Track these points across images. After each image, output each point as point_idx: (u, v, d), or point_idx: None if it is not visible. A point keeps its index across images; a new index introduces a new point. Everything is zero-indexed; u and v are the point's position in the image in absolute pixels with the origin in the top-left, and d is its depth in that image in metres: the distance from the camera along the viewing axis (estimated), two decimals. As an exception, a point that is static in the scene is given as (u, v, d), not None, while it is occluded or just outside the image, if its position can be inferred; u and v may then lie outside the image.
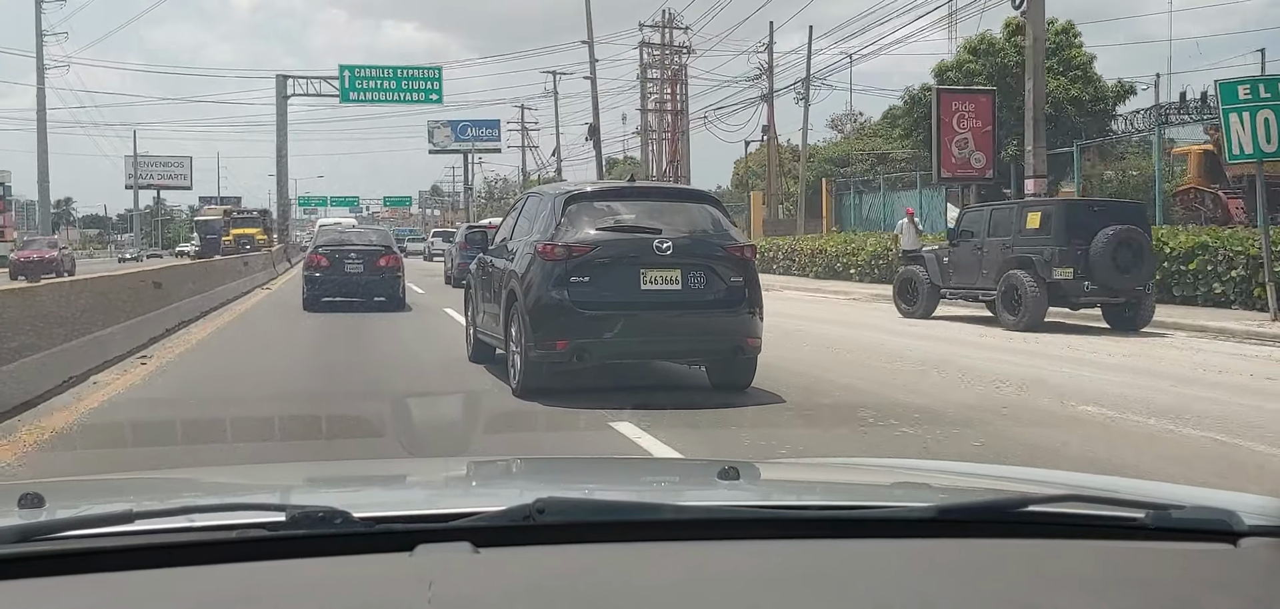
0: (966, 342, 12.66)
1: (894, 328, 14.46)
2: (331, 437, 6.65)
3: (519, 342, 8.14)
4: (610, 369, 8.25)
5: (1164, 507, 1.60)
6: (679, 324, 8.06)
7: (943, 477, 2.40)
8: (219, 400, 8.16)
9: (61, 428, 6.78)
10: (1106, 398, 8.07)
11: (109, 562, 1.36)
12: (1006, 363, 10.37)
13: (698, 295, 8.04)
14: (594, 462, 4.80)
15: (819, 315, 16.84)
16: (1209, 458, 6.09)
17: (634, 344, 8.11)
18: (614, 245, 8.03)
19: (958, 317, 15.91)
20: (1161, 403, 7.86)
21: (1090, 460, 5.87)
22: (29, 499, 1.59)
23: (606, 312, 7.85)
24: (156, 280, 13.88)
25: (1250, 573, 1.47)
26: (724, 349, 8.24)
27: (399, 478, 2.59)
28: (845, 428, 7.07)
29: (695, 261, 8.05)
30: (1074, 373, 9.63)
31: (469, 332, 10.59)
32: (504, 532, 1.46)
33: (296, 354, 11.72)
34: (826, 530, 1.56)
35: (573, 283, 7.87)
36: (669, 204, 8.80)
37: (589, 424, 6.95)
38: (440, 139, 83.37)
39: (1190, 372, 9.78)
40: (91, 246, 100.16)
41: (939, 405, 7.79)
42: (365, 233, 21.54)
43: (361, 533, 1.44)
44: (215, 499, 1.84)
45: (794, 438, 6.65)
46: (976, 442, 6.37)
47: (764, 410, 7.56)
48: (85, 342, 9.51)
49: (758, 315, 8.27)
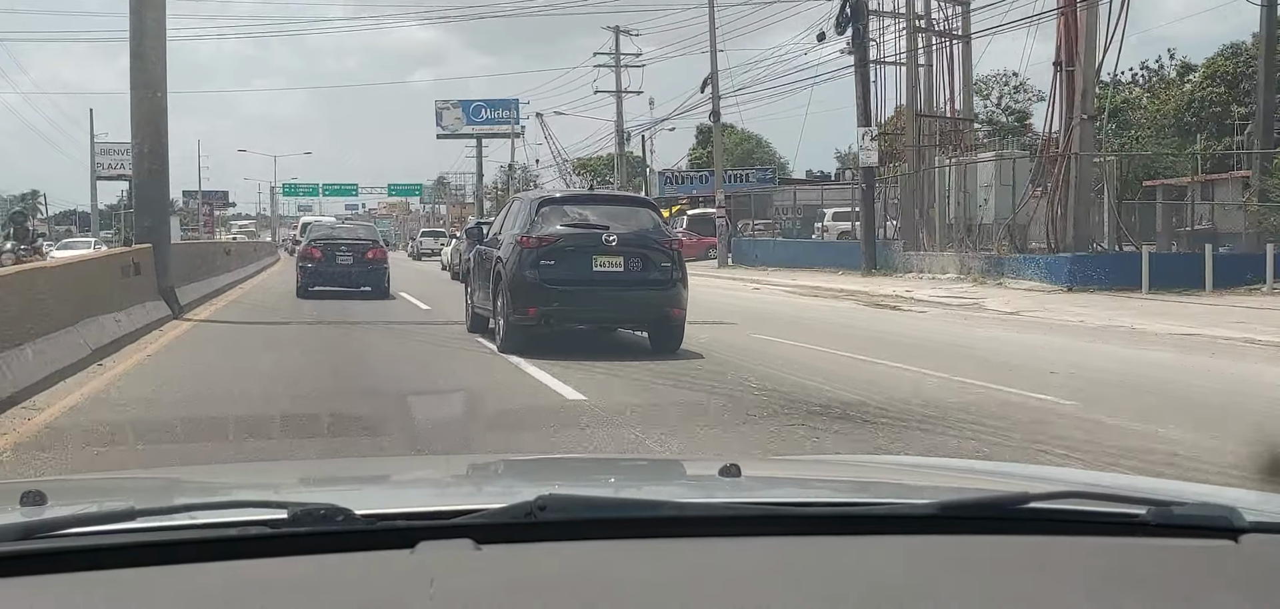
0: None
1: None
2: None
3: (503, 311, 10.70)
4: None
5: (1165, 503, 1.60)
6: (622, 298, 10.72)
7: (944, 474, 2.40)
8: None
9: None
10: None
11: (111, 559, 1.36)
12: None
13: (636, 276, 10.66)
14: (595, 460, 4.81)
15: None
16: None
17: (587, 312, 10.83)
18: (573, 238, 10.66)
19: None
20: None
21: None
22: (31, 497, 1.60)
23: (567, 287, 10.45)
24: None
25: (1251, 570, 1.47)
26: (655, 317, 10.81)
27: (400, 476, 2.59)
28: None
29: (634, 250, 10.67)
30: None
31: (468, 306, 13.07)
32: (505, 529, 1.46)
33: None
34: (828, 527, 1.57)
35: (542, 265, 10.46)
36: (618, 208, 11.79)
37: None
38: (450, 122, 72.92)
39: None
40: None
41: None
42: (354, 229, 23.75)
43: (363, 530, 1.44)
44: (216, 497, 1.84)
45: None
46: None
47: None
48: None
49: (683, 291, 10.76)
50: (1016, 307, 17.44)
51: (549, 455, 5.51)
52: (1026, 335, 13.49)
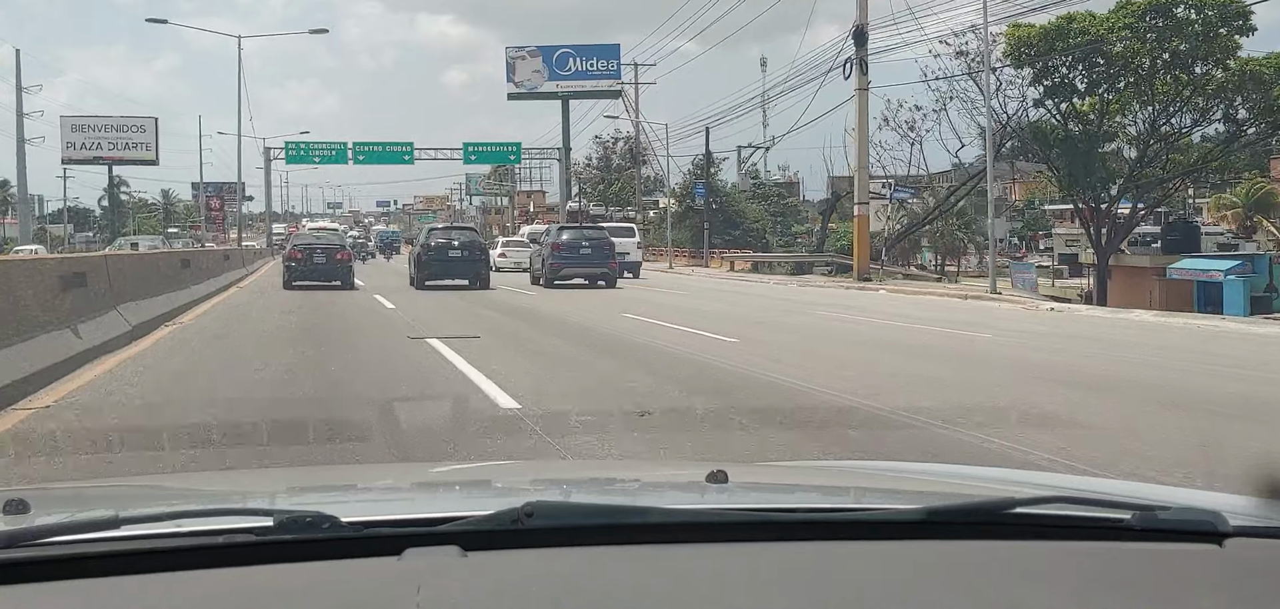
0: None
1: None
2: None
3: (542, 271, 28.45)
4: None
5: (1150, 508, 1.61)
6: (587, 262, 27.76)
7: (930, 479, 2.41)
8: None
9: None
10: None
11: (95, 568, 1.35)
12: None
13: (593, 253, 28.05)
14: (582, 465, 4.81)
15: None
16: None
17: (576, 272, 27.61)
18: (569, 242, 28.36)
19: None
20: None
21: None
22: (13, 505, 1.58)
23: (569, 263, 27.74)
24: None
25: (1236, 573, 1.48)
26: (601, 272, 27.95)
27: (386, 482, 2.58)
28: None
29: (595, 243, 28.56)
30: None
31: (531, 269, 30.77)
32: (493, 535, 1.46)
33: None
34: (814, 533, 1.57)
35: (558, 253, 27.94)
36: (589, 229, 31.54)
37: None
38: (526, 76, 54.79)
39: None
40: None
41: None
42: (328, 236, 29.93)
43: (349, 537, 1.43)
44: (202, 504, 1.83)
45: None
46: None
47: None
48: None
49: (613, 262, 28.76)
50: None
51: (537, 460, 5.50)
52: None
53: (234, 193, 66.38)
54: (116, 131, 65.45)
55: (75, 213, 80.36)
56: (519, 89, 55.20)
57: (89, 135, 64.50)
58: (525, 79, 54.72)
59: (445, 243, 26.33)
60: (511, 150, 58.56)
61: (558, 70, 54.22)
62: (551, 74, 54.31)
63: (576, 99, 56.16)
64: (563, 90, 54.91)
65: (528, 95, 56.13)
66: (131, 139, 65.47)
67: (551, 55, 54.35)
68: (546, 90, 55.03)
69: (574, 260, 27.57)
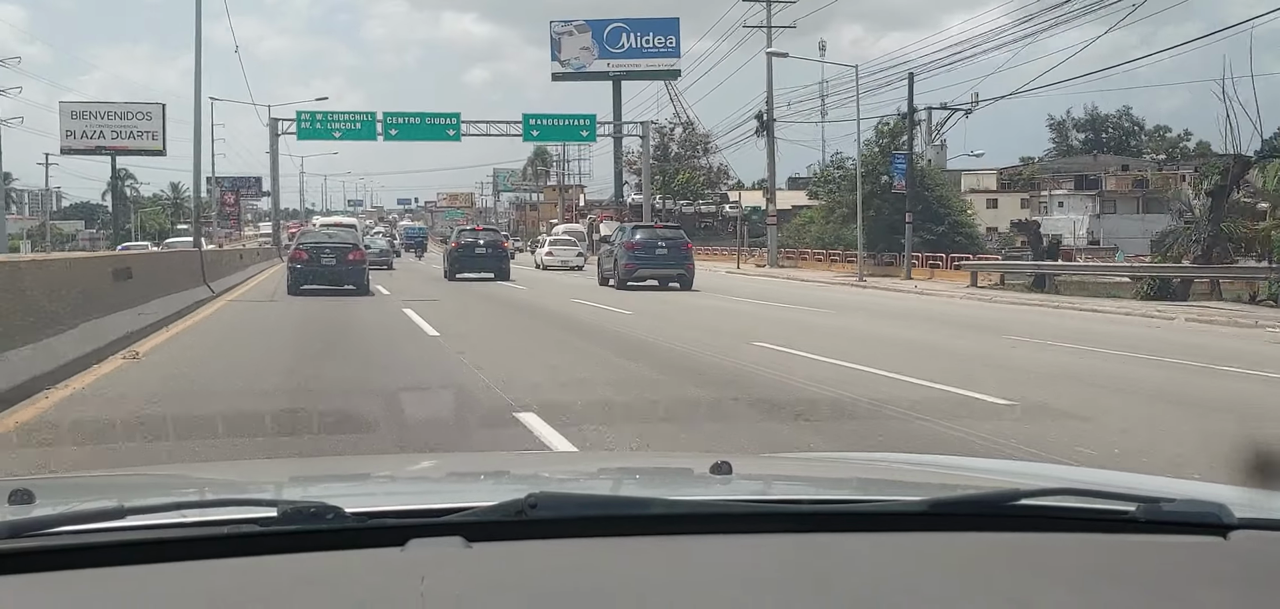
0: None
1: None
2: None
3: (614, 271, 27.09)
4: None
5: (1154, 500, 1.61)
6: (663, 263, 26.72)
7: (934, 471, 2.41)
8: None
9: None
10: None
11: (100, 557, 1.35)
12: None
13: (669, 253, 26.87)
14: (586, 457, 4.81)
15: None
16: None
17: (651, 273, 26.36)
18: (644, 241, 27.25)
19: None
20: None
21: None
22: (19, 495, 1.58)
23: (645, 264, 26.58)
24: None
25: (1240, 565, 1.47)
26: (679, 274, 26.76)
27: (391, 474, 2.59)
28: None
29: (671, 242, 27.49)
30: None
31: (600, 270, 29.08)
32: (496, 527, 1.46)
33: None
34: (819, 524, 1.57)
35: (632, 253, 26.65)
36: (663, 228, 29.91)
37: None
38: (573, 53, 48.03)
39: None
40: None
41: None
42: (341, 234, 26.26)
43: (353, 528, 1.43)
44: (207, 495, 1.84)
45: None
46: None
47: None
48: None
49: (691, 265, 27.75)
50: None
51: (541, 452, 5.50)
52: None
53: (251, 187, 60.11)
54: (119, 118, 58.34)
55: (82, 208, 75.96)
56: (565, 68, 48.12)
57: (90, 123, 57.66)
58: (572, 56, 48.07)
59: (473, 241, 31.26)
60: (584, 124, 47.17)
61: (609, 47, 47.65)
62: (602, 51, 47.69)
63: (629, 80, 48.50)
64: (614, 70, 47.87)
65: (575, 76, 48.66)
66: (136, 126, 58.29)
67: (602, 30, 47.47)
68: (597, 69, 48.04)
69: (649, 261, 26.35)
